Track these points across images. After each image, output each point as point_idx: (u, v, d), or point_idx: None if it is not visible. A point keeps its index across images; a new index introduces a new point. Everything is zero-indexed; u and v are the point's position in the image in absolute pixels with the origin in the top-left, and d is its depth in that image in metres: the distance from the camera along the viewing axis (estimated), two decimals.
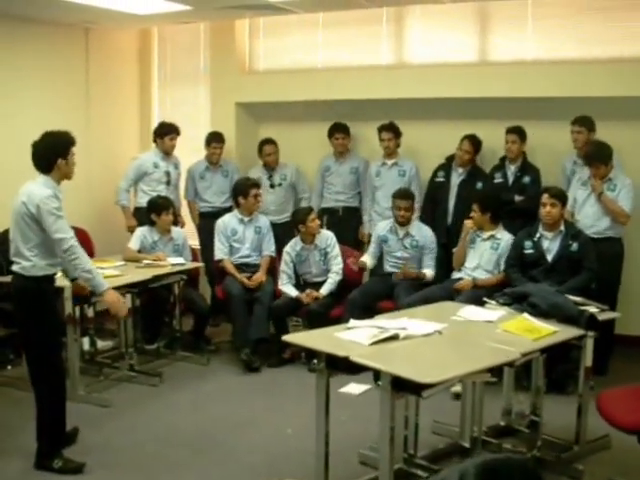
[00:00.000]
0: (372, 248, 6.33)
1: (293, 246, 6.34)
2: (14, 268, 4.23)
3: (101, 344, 6.31)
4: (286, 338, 3.84)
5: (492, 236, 5.78)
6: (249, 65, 7.64)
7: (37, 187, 4.13)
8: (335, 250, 6.30)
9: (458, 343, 3.73)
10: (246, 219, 6.49)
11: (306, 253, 6.31)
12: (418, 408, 4.17)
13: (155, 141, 7.03)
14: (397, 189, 6.26)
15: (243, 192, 6.43)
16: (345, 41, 7.16)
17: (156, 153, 7.02)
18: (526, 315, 4.08)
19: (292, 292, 6.20)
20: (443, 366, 3.37)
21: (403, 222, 6.12)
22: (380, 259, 6.32)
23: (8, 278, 4.85)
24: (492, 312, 4.27)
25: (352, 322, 3.97)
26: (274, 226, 6.77)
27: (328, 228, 6.77)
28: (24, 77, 6.74)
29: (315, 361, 3.63)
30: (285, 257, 6.33)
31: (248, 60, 7.62)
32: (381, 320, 4.00)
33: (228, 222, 6.51)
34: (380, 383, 3.29)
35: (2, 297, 5.37)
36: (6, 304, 5.10)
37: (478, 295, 5.01)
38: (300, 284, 6.34)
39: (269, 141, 7.15)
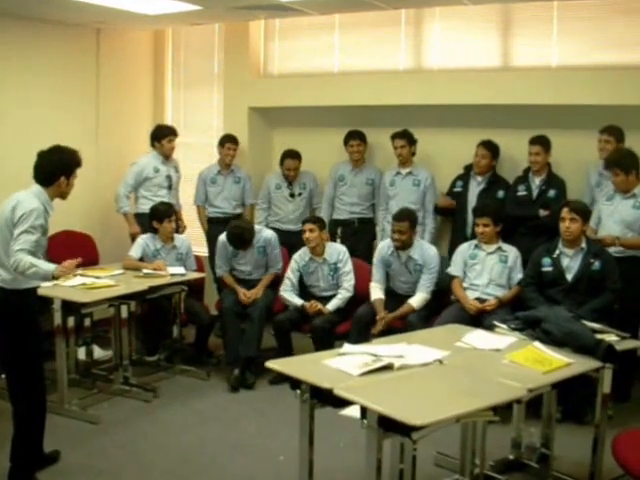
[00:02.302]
0: (377, 274, 5.80)
1: (302, 255, 6.05)
2: None
3: (102, 353, 6.09)
4: (269, 364, 3.52)
5: (499, 248, 5.49)
6: (263, 68, 7.37)
7: (29, 197, 3.94)
8: (347, 266, 5.96)
9: (459, 376, 3.37)
10: None
11: (314, 265, 6.01)
12: None
13: (153, 145, 6.79)
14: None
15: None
16: (362, 44, 6.84)
17: (155, 157, 6.77)
18: (537, 344, 3.73)
19: (296, 300, 5.90)
20: (438, 404, 3.03)
21: (398, 246, 5.69)
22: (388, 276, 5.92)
23: None
24: (501, 338, 3.92)
25: (346, 347, 3.67)
26: (292, 234, 6.53)
27: (343, 240, 6.48)
28: (33, 77, 6.56)
29: (298, 391, 3.32)
30: (292, 264, 6.04)
31: (262, 63, 7.36)
32: (378, 345, 3.68)
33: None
34: (365, 421, 2.97)
35: None
36: None
37: (509, 312, 4.78)
38: (306, 297, 6.03)
39: (292, 155, 6.81)
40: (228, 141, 6.89)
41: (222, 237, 6.17)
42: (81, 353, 5.87)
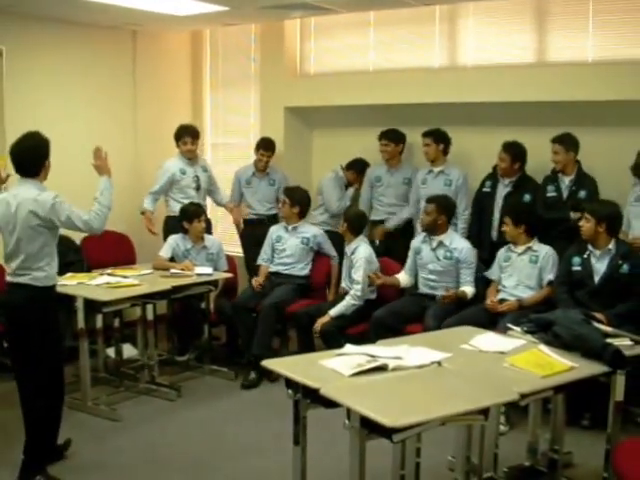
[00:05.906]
0: (409, 262, 5.85)
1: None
2: (21, 280, 4.01)
3: (133, 352, 6.12)
4: (264, 363, 3.49)
5: (529, 248, 5.32)
6: (300, 68, 7.35)
7: (38, 192, 3.98)
8: (357, 274, 5.71)
9: (453, 378, 3.28)
10: (290, 227, 6.29)
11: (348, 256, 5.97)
12: (420, 441, 3.71)
13: (178, 146, 6.74)
14: None
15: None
16: (397, 42, 6.76)
17: (180, 158, 6.71)
18: (542, 347, 3.61)
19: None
20: (423, 406, 2.94)
21: (424, 228, 5.72)
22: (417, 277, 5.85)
23: None
24: (510, 341, 3.79)
25: (347, 348, 3.60)
26: None
27: (380, 241, 6.44)
28: (69, 79, 6.71)
29: (290, 391, 3.29)
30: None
31: (299, 63, 7.34)
32: (378, 347, 3.60)
33: (276, 230, 6.36)
34: (347, 422, 2.92)
35: None
36: None
37: (526, 315, 4.51)
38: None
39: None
40: (262, 147, 6.84)
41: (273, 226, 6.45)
42: (111, 352, 5.93)
